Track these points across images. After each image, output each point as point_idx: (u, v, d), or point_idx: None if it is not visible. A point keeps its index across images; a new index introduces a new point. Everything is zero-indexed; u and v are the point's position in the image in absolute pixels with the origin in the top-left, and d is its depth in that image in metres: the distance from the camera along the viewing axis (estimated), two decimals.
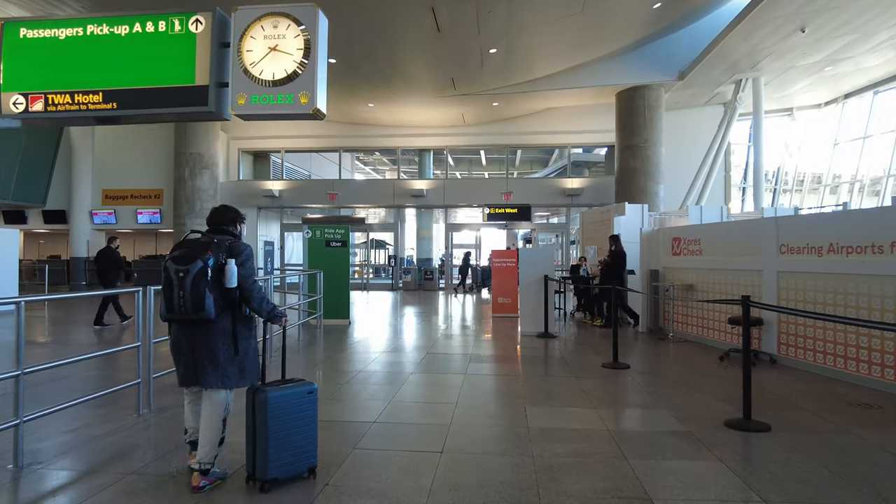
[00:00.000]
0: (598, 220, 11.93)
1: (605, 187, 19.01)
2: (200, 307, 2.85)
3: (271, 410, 2.91)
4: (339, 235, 10.12)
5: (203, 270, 2.86)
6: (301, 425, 3.03)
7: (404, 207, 20.81)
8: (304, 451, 3.06)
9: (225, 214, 3.20)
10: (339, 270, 10.05)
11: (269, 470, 2.91)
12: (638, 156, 16.64)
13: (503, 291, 11.39)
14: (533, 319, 8.79)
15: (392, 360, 6.86)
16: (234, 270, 2.95)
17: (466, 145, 20.76)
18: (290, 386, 3.04)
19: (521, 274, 8.82)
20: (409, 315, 12.03)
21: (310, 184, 21.40)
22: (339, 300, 9.99)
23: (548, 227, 23.77)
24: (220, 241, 3.03)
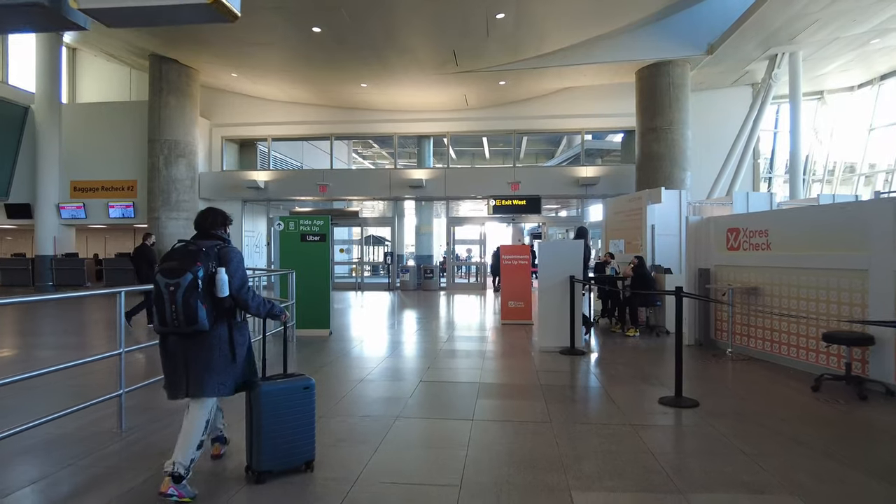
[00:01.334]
0: (626, 209, 10.16)
1: (622, 176, 17.25)
2: (194, 320, 2.82)
3: (265, 404, 2.97)
4: (318, 228, 8.39)
5: (193, 283, 2.82)
6: (296, 419, 3.07)
7: (402, 199, 19.06)
8: (300, 444, 3.10)
9: (212, 218, 3.11)
10: (318, 270, 8.32)
11: (263, 462, 2.98)
12: (662, 140, 14.86)
13: (514, 294, 9.65)
14: (554, 331, 7.04)
15: (372, 393, 5.10)
16: (224, 280, 2.90)
17: (470, 131, 18.98)
18: (286, 381, 3.09)
19: (541, 274, 7.06)
20: (403, 322, 10.29)
21: (298, 174, 19.66)
22: (317, 306, 8.28)
23: (559, 220, 21.97)
24: (209, 248, 2.95)
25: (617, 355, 6.93)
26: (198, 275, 2.83)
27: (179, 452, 2.84)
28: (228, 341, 2.98)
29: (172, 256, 2.93)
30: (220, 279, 2.88)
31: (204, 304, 2.85)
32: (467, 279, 20.37)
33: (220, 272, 2.89)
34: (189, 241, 3.02)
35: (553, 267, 6.95)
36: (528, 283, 9.69)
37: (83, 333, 9.40)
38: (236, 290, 2.95)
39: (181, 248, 2.96)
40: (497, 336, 8.39)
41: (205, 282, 2.86)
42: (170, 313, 2.81)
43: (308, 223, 8.38)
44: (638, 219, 9.61)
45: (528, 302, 9.64)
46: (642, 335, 8.39)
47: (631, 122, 17.59)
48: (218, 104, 19.30)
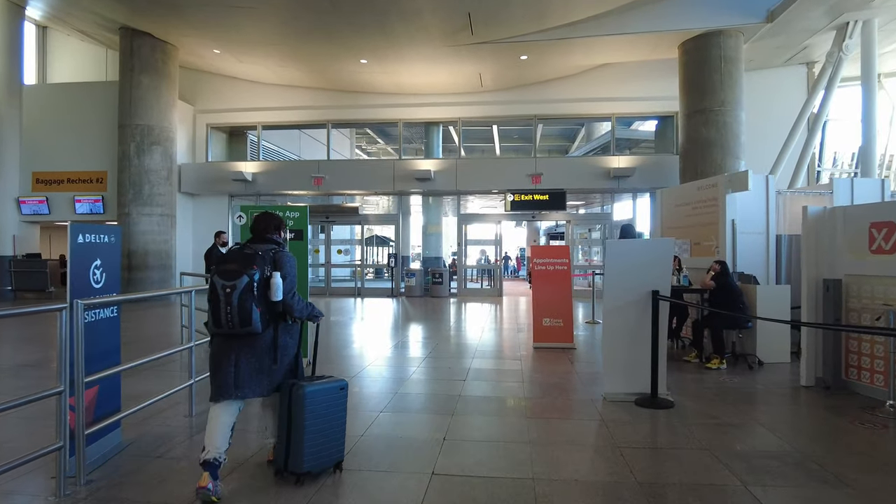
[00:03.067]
0: (692, 199, 7.95)
1: (659, 167, 15.05)
2: (247, 322, 2.87)
3: (308, 405, 2.96)
4: (292, 222, 6.26)
5: (249, 285, 2.87)
6: (332, 420, 3.07)
7: (408, 194, 16.91)
8: (335, 445, 3.11)
9: (268, 222, 3.18)
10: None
11: (305, 463, 2.95)
12: (712, 123, 12.64)
13: (549, 308, 7.46)
14: (625, 369, 4.85)
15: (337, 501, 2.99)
16: (279, 284, 2.94)
17: (484, 117, 16.80)
18: (325, 382, 3.09)
19: (608, 288, 4.84)
20: (407, 346, 8.12)
21: (291, 166, 17.54)
22: None
23: (587, 218, 19.69)
24: (265, 252, 3.01)
25: (720, 407, 4.72)
26: (254, 278, 2.88)
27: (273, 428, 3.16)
28: (272, 343, 3.02)
29: (230, 259, 2.98)
30: (274, 283, 2.92)
31: (258, 306, 2.89)
32: (480, 284, 18.20)
33: (275, 276, 2.94)
34: (245, 244, 3.10)
35: (627, 277, 4.74)
36: (567, 294, 7.51)
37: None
38: (286, 293, 2.98)
39: (238, 250, 3.03)
40: (533, 369, 6.19)
41: (260, 285, 2.90)
42: (224, 315, 2.85)
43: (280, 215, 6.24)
44: (712, 212, 7.41)
45: (569, 319, 7.46)
46: (729, 367, 6.20)
47: (668, 106, 15.42)
48: (202, 88, 17.27)
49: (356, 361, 6.65)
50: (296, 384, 3.02)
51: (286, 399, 3.02)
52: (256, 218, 3.22)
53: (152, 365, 5.55)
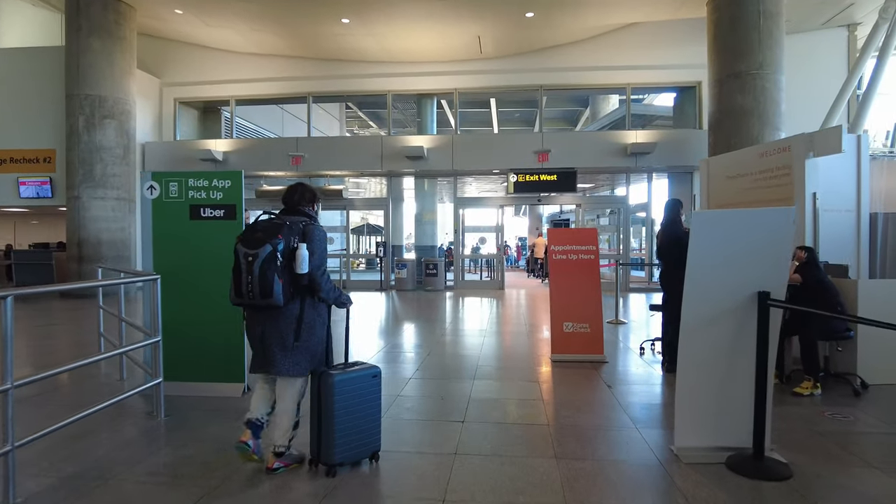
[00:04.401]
0: (752, 168, 6.21)
1: (680, 144, 13.33)
2: (268, 293, 2.73)
3: (338, 394, 2.84)
4: (220, 196, 4.51)
5: (272, 255, 2.73)
6: (365, 409, 2.95)
7: (398, 175, 15.14)
8: (369, 435, 2.98)
9: (301, 194, 3.05)
10: (223, 274, 4.47)
11: (336, 454, 2.84)
12: (748, 89, 10.86)
13: (572, 311, 5.75)
14: (708, 410, 3.15)
15: None
16: (305, 256, 2.80)
17: (484, 88, 14.96)
18: (356, 369, 2.96)
19: (690, 288, 3.08)
20: (385, 356, 6.42)
21: (266, 143, 15.71)
22: (221, 342, 4.44)
23: (600, 202, 17.88)
24: (294, 223, 2.88)
25: (865, 474, 3.02)
26: (277, 247, 2.75)
27: (278, 434, 2.89)
28: (298, 320, 2.87)
29: (255, 228, 2.84)
30: (300, 254, 2.79)
31: (281, 278, 2.75)
32: (479, 276, 16.49)
33: (301, 247, 2.80)
34: (276, 213, 2.97)
35: (718, 272, 3.02)
36: (595, 291, 5.80)
37: None
38: (314, 268, 2.85)
39: (265, 220, 2.89)
40: (559, 400, 4.47)
41: (284, 256, 2.77)
42: (245, 284, 2.74)
43: (203, 184, 4.49)
44: (783, 185, 5.69)
45: (598, 324, 5.76)
46: (824, 391, 4.51)
47: (690, 75, 13.69)
48: (168, 59, 15.43)
49: None
50: (325, 372, 2.89)
51: (315, 388, 2.91)
52: (290, 188, 3.07)
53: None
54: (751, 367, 3.00)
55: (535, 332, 7.65)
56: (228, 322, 4.44)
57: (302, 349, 2.90)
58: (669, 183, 15.05)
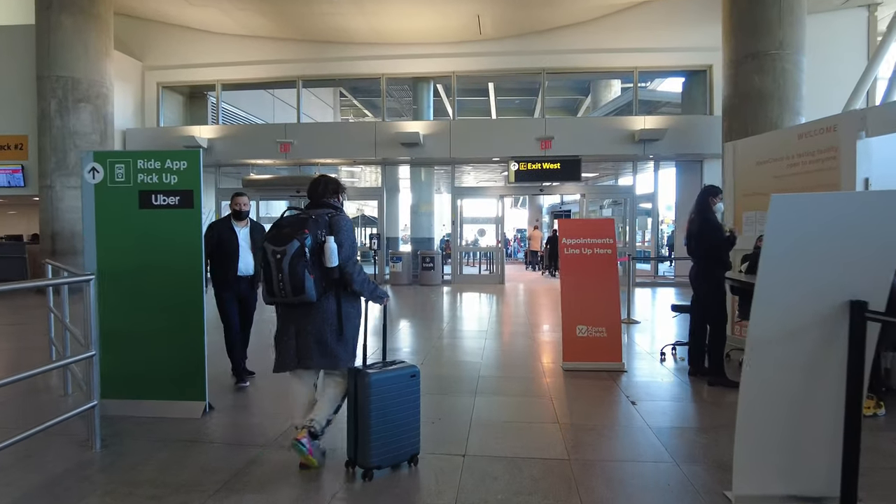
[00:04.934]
0: (787, 152, 5.50)
1: (689, 131, 12.64)
2: (300, 290, 2.71)
3: (374, 395, 2.73)
4: (175, 179, 3.78)
5: (300, 251, 2.70)
6: (403, 410, 2.83)
7: (393, 163, 14.38)
8: (407, 437, 2.86)
9: (325, 186, 3.00)
10: (178, 273, 3.77)
11: (372, 457, 2.73)
12: (768, 70, 10.12)
13: (586, 312, 5.06)
14: (780, 448, 2.47)
15: None
16: (333, 249, 2.75)
17: (483, 71, 14.18)
18: (393, 369, 2.85)
19: (762, 293, 2.38)
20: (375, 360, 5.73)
21: (253, 130, 14.93)
22: (176, 348, 3.76)
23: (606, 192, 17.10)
24: (319, 216, 2.83)
25: None
26: (305, 242, 2.72)
27: (318, 411, 2.84)
28: (337, 314, 2.84)
29: (281, 224, 2.81)
30: (329, 248, 2.75)
31: (311, 273, 2.72)
32: (478, 269, 15.80)
33: (329, 240, 2.75)
34: (300, 208, 2.94)
35: (801, 273, 2.32)
36: (613, 290, 5.12)
37: None
38: (344, 260, 2.80)
39: (290, 215, 2.86)
40: (576, 423, 3.78)
41: (313, 250, 2.74)
42: (276, 282, 2.72)
43: (154, 166, 3.77)
44: (826, 169, 4.99)
45: (616, 328, 5.08)
46: (888, 410, 3.85)
47: (700, 58, 12.99)
48: (150, 40, 14.61)
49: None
50: (360, 371, 2.78)
51: (351, 387, 2.82)
52: (314, 181, 3.04)
53: None
54: (835, 394, 2.32)
55: (542, 334, 6.97)
56: (186, 330, 3.76)
57: (346, 343, 2.89)
58: (677, 172, 14.36)
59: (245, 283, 4.52)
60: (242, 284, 4.51)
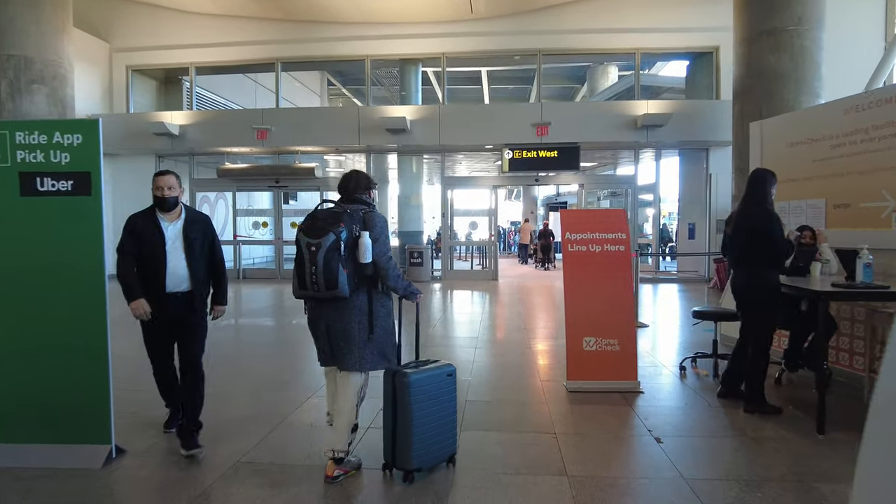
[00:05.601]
0: (832, 131, 4.66)
1: (694, 117, 11.82)
2: (333, 284, 2.62)
3: (414, 395, 2.65)
4: (67, 158, 2.89)
5: (336, 244, 2.62)
6: (442, 410, 2.76)
7: (378, 152, 13.50)
8: (445, 438, 2.79)
9: (355, 182, 2.91)
10: (71, 275, 2.91)
11: (413, 459, 2.65)
12: (784, 47, 9.27)
13: (595, 322, 4.22)
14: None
15: None
16: (368, 244, 2.68)
17: (475, 52, 13.24)
18: (430, 368, 2.77)
19: None
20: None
21: (228, 116, 13.98)
22: (71, 373, 2.89)
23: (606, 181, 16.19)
24: (354, 210, 2.75)
25: None
26: (340, 236, 2.64)
27: (336, 438, 2.72)
28: (368, 313, 2.75)
29: (316, 216, 2.75)
30: (363, 243, 2.67)
31: (345, 268, 2.64)
32: (470, 264, 14.96)
33: (363, 235, 2.69)
34: (335, 202, 2.88)
35: None
36: (626, 296, 4.29)
37: None
38: (378, 256, 2.73)
39: (326, 209, 2.82)
40: (590, 469, 2.95)
41: (347, 245, 2.67)
42: (309, 276, 2.63)
43: (40, 141, 2.88)
44: (881, 149, 4.18)
45: (630, 340, 4.26)
46: None
47: (706, 39, 12.18)
48: (119, 20, 13.59)
49: (243, 428, 3.39)
50: (398, 371, 2.71)
51: (389, 388, 2.73)
52: (345, 176, 2.93)
53: None
54: None
55: (539, 340, 6.14)
56: (84, 349, 2.89)
57: (375, 343, 2.78)
58: (681, 161, 13.56)
59: (178, 303, 3.11)
60: (173, 305, 3.10)
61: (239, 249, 13.52)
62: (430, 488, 2.64)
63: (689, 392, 4.24)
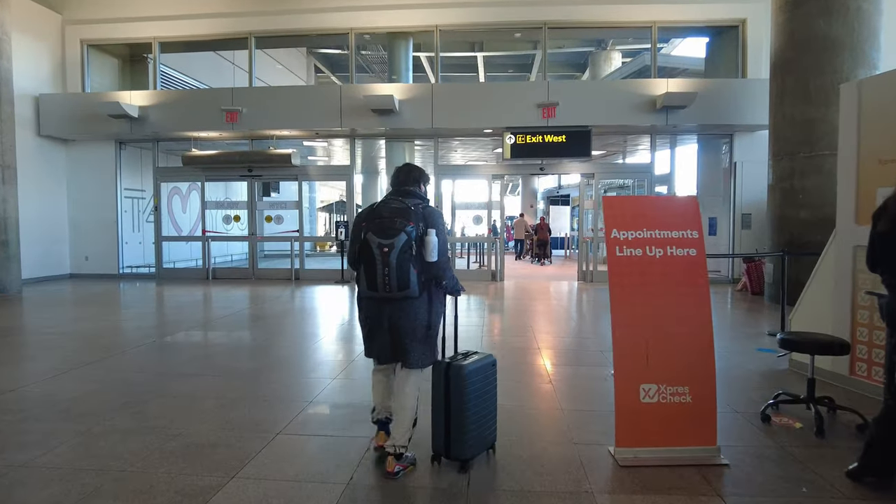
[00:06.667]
0: None
1: (720, 96, 10.46)
2: (406, 285, 2.60)
3: (470, 384, 2.70)
4: None
5: (408, 244, 2.59)
6: (488, 400, 2.84)
7: (365, 137, 12.10)
8: (489, 426, 2.87)
9: (408, 174, 2.87)
10: None
11: (467, 449, 2.71)
12: (837, 11, 7.91)
13: (657, 363, 2.88)
14: None
15: None
16: (435, 242, 2.64)
17: (473, 25, 11.80)
18: (476, 359, 2.81)
19: None
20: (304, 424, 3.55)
21: (193, 97, 12.46)
22: None
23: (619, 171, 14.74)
24: (416, 207, 2.71)
25: None
26: (411, 235, 2.60)
27: (398, 434, 2.73)
28: (428, 310, 2.75)
29: (380, 213, 2.67)
30: (430, 241, 2.63)
31: (415, 268, 2.62)
32: (467, 263, 13.60)
33: (430, 234, 2.64)
34: (392, 197, 2.78)
35: None
36: (704, 321, 2.94)
37: None
38: (441, 254, 2.68)
39: (391, 205, 2.71)
40: None
41: (417, 243, 2.63)
42: (382, 277, 2.59)
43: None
44: None
45: (707, 385, 2.91)
46: None
47: (732, 10, 10.97)
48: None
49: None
50: (451, 364, 2.74)
51: (441, 380, 2.73)
52: (398, 169, 2.92)
53: None
54: None
55: (560, 367, 4.80)
56: None
57: (429, 341, 2.78)
58: (699, 148, 12.23)
59: None
60: None
61: (208, 246, 12.08)
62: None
63: (794, 464, 2.90)
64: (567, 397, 4.00)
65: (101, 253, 12.31)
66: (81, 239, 12.34)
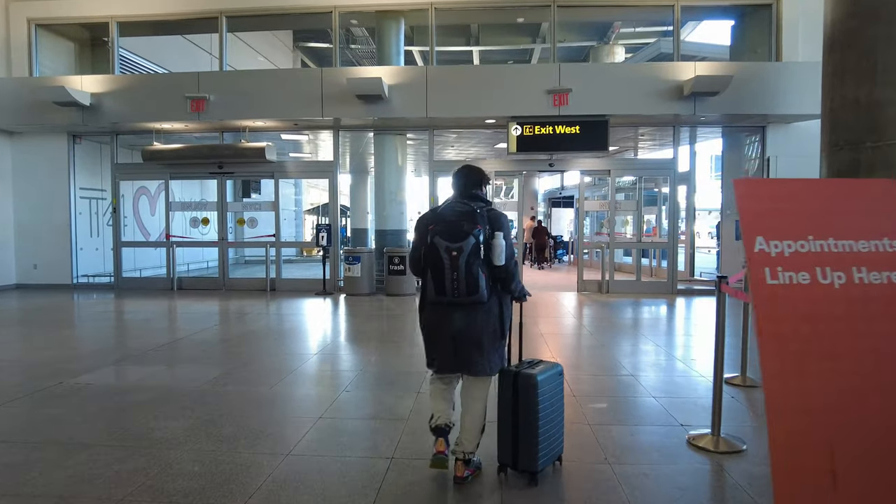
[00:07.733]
0: None
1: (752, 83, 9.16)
2: (475, 289, 2.53)
3: (542, 394, 2.62)
4: None
5: (476, 248, 2.52)
6: (556, 410, 2.77)
7: (350, 129, 10.72)
8: (558, 436, 2.79)
9: (468, 176, 2.77)
10: None
11: (540, 460, 2.62)
12: None
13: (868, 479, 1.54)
14: None
15: None
16: (503, 246, 2.56)
17: (470, 3, 10.50)
18: (544, 368, 2.72)
19: None
20: None
21: (154, 82, 11.00)
22: None
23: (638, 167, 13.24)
24: (481, 210, 2.63)
25: None
26: (479, 238, 2.53)
27: (468, 441, 2.67)
28: (499, 316, 2.68)
29: (445, 217, 2.61)
30: (498, 245, 2.55)
31: (483, 272, 2.54)
32: None
33: (497, 237, 2.56)
34: (457, 200, 2.70)
35: None
36: None
37: None
38: (508, 258, 2.60)
39: (458, 208, 2.63)
40: None
41: (484, 247, 2.55)
42: (450, 281, 2.52)
43: None
44: None
45: None
46: None
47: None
48: None
49: None
50: (521, 372, 2.64)
51: (509, 389, 2.64)
52: (458, 171, 2.80)
53: None
54: None
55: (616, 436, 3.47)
56: None
57: (498, 348, 2.73)
58: (724, 142, 10.99)
59: None
60: None
61: (173, 253, 10.63)
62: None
63: None
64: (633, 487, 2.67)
65: (52, 261, 10.85)
66: (29, 244, 10.87)
